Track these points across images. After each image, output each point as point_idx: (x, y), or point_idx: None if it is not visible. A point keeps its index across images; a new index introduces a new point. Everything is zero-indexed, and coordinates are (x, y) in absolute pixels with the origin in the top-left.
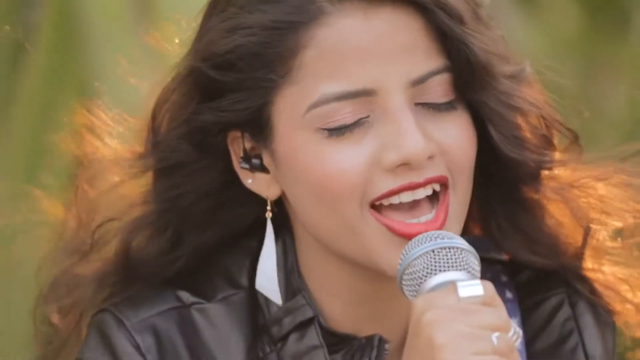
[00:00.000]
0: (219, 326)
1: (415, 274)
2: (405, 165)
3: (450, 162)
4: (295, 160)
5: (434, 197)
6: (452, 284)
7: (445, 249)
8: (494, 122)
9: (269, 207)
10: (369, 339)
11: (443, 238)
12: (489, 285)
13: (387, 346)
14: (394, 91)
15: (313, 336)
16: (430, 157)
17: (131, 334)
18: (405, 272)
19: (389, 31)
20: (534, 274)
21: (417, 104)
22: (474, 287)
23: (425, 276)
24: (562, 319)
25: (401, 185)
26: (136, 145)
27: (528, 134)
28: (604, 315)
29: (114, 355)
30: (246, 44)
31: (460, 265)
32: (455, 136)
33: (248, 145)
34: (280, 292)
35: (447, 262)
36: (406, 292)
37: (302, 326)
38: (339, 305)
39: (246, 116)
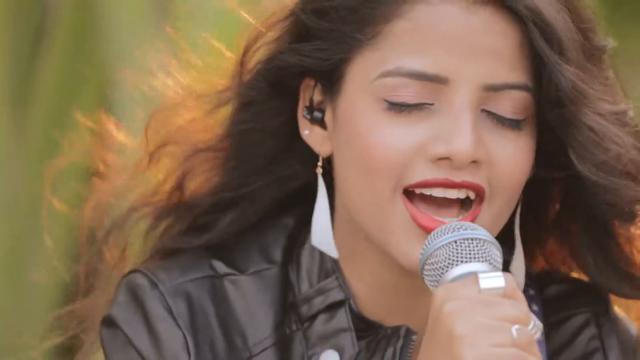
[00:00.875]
0: (250, 299)
1: (437, 264)
2: (447, 160)
3: (493, 176)
4: (351, 122)
5: (467, 205)
6: (473, 275)
7: (467, 240)
8: (583, 160)
9: (320, 163)
10: (396, 329)
11: (466, 229)
12: (510, 277)
13: (414, 337)
14: (465, 87)
15: (342, 319)
16: (475, 162)
17: (164, 297)
18: (427, 262)
19: (483, 31)
20: (562, 289)
21: (483, 110)
22: (495, 279)
23: (447, 266)
24: (587, 337)
25: (437, 178)
26: (214, 81)
27: (619, 171)
28: (631, 339)
29: (145, 317)
30: None
31: (482, 257)
32: (509, 154)
33: (317, 97)
34: (315, 271)
35: (470, 253)
36: (427, 282)
37: (332, 308)
38: (367, 291)
39: (324, 66)
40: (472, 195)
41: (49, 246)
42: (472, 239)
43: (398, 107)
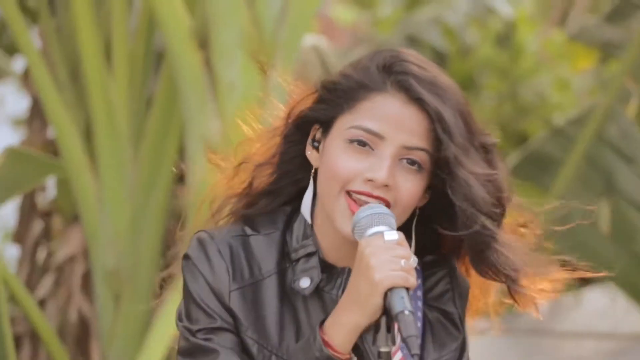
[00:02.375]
0: (263, 248)
1: (361, 227)
2: (372, 182)
3: (396, 196)
4: (329, 151)
5: None
6: (381, 233)
7: (378, 214)
8: (455, 196)
9: (313, 170)
10: (342, 268)
11: (379, 208)
12: (401, 234)
13: (347, 271)
14: (392, 144)
15: (314, 261)
16: (386, 186)
17: (216, 244)
18: (356, 226)
19: (408, 116)
20: (432, 258)
21: (400, 159)
22: (393, 234)
23: (367, 228)
24: (444, 283)
25: (364, 190)
26: (270, 127)
27: (479, 209)
28: (466, 286)
29: (206, 254)
30: (348, 84)
31: (386, 223)
32: (408, 186)
33: (318, 135)
34: (300, 235)
35: (379, 221)
36: (356, 237)
37: (309, 255)
38: (329, 247)
39: (325, 120)
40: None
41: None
42: (380, 214)
43: (354, 143)
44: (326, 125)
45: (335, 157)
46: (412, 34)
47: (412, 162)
